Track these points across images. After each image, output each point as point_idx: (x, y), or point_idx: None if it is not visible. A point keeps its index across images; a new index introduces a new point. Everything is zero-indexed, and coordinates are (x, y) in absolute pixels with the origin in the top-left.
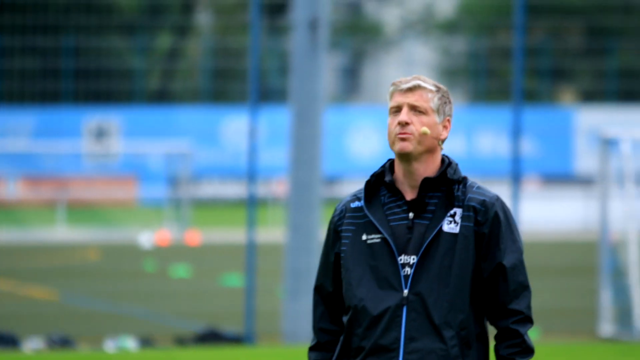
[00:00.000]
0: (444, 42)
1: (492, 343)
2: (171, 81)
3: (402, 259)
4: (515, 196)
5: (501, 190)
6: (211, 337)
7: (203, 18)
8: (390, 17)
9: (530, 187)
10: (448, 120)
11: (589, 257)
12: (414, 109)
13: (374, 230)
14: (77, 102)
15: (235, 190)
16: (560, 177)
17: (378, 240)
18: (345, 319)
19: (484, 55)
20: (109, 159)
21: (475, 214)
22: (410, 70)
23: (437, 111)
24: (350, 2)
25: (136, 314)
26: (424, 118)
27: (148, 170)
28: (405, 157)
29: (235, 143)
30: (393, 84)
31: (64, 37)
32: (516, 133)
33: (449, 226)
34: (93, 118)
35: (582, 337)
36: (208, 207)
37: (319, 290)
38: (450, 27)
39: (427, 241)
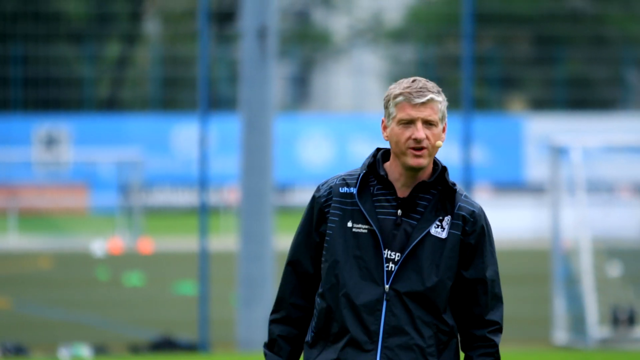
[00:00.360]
0: (393, 51)
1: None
2: (121, 89)
3: (387, 253)
4: None
5: None
6: (165, 345)
7: (151, 26)
8: (338, 26)
9: (482, 195)
10: (445, 124)
11: (541, 265)
12: (426, 122)
13: (362, 220)
14: (27, 111)
15: (186, 198)
16: (511, 185)
17: (365, 230)
18: (322, 301)
19: (433, 63)
20: (60, 167)
21: (464, 223)
22: (360, 78)
23: (441, 119)
24: (298, 10)
25: (90, 322)
26: (434, 130)
27: (99, 178)
28: (417, 169)
29: (186, 151)
30: (402, 94)
31: (13, 45)
32: (467, 141)
33: (436, 230)
34: (43, 126)
35: (536, 345)
36: (160, 215)
37: (293, 265)
38: (399, 36)
39: (415, 242)
